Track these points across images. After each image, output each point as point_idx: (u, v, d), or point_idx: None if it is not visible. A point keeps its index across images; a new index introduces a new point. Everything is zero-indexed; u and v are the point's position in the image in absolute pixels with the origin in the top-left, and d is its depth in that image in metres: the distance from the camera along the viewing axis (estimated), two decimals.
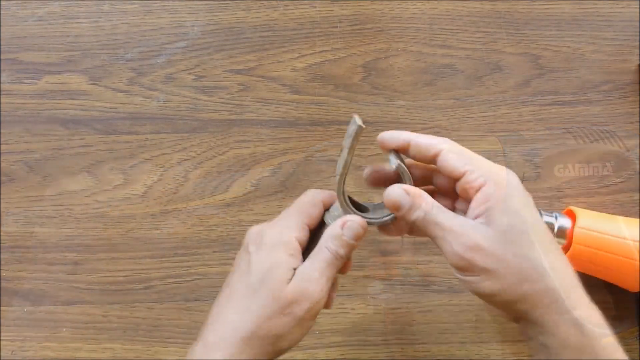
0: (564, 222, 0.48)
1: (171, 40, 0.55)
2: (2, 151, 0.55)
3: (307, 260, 0.38)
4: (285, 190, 0.54)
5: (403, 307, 0.52)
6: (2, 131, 0.55)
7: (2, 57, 0.55)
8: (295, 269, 0.37)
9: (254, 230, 0.39)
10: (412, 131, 0.53)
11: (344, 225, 0.38)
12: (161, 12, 0.56)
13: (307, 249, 0.38)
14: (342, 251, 0.38)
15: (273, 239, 0.38)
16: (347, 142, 0.37)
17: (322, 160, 0.54)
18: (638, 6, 0.55)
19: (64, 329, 0.52)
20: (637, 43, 0.54)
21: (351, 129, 0.37)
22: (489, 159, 0.53)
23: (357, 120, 0.36)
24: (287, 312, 0.36)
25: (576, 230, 0.47)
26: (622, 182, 0.53)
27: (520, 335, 0.51)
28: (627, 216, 0.52)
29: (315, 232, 0.39)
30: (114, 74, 0.55)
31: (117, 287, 0.53)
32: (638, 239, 0.46)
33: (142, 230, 0.53)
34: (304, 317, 0.37)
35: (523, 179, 0.53)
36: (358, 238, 0.38)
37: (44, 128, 0.55)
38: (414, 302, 0.52)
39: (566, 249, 0.47)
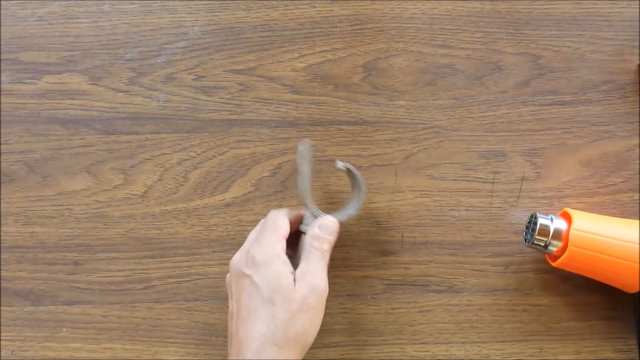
0: (560, 224, 0.47)
1: (171, 40, 0.55)
2: (2, 151, 0.55)
3: (302, 262, 0.45)
4: (285, 190, 0.54)
5: (403, 307, 0.52)
6: (2, 131, 0.55)
7: (2, 57, 0.55)
8: (292, 273, 0.43)
9: (237, 258, 0.45)
10: (412, 131, 0.54)
11: (320, 226, 0.46)
12: (161, 12, 0.56)
13: (290, 257, 0.45)
14: (325, 246, 0.46)
15: (265, 256, 0.43)
16: (303, 162, 0.47)
17: (322, 160, 0.54)
18: (638, 6, 0.55)
19: (64, 329, 0.52)
20: (637, 43, 0.54)
21: (300, 149, 0.47)
22: (489, 159, 0.54)
23: (302, 144, 0.47)
24: (304, 309, 0.42)
25: (572, 232, 0.46)
26: (622, 182, 0.53)
27: (520, 335, 0.52)
28: (626, 216, 0.52)
29: (292, 242, 0.47)
30: (114, 74, 0.55)
31: (117, 287, 0.53)
32: (634, 240, 0.46)
33: (142, 230, 0.53)
34: (317, 307, 0.43)
35: (523, 179, 0.53)
36: (334, 233, 0.46)
37: (44, 128, 0.55)
38: (414, 302, 0.52)
39: (562, 251, 0.47)
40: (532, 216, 0.49)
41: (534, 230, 0.48)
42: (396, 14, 0.55)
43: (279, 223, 0.45)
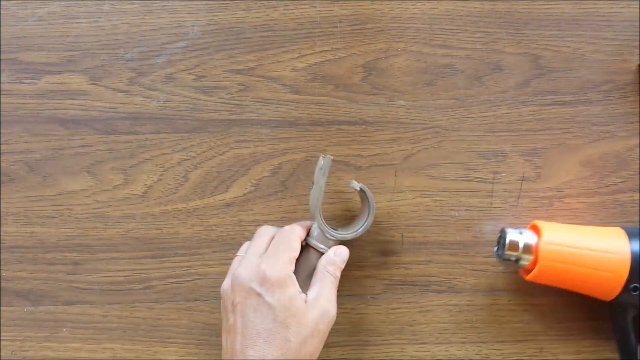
0: (529, 237, 0.47)
1: (171, 40, 0.55)
2: (2, 151, 0.55)
3: (316, 286, 0.45)
4: (285, 190, 0.54)
5: (403, 307, 0.52)
6: (2, 131, 0.55)
7: (2, 57, 0.55)
8: (302, 295, 0.44)
9: (246, 274, 0.44)
10: (412, 131, 0.54)
11: (335, 252, 0.47)
12: (161, 12, 0.56)
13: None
14: (338, 273, 0.47)
15: (279, 277, 0.43)
16: (321, 176, 0.47)
17: None
18: (638, 6, 0.55)
19: (64, 329, 0.52)
20: (637, 43, 0.54)
21: (322, 163, 0.47)
22: (489, 159, 0.54)
23: (325, 158, 0.47)
24: (315, 334, 0.43)
25: (541, 245, 0.46)
26: (622, 182, 0.53)
27: (520, 335, 0.52)
28: (626, 217, 0.52)
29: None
30: (114, 74, 0.55)
31: (117, 287, 0.53)
32: (605, 249, 0.45)
33: (142, 230, 0.53)
34: (325, 332, 0.44)
35: (523, 179, 0.53)
36: (346, 260, 0.48)
37: (44, 128, 0.55)
38: (414, 302, 0.52)
39: (534, 264, 0.47)
40: (501, 231, 0.49)
41: (504, 245, 0.48)
42: (396, 14, 0.55)
43: (293, 245, 0.46)
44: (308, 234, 0.48)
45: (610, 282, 0.45)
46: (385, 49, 0.55)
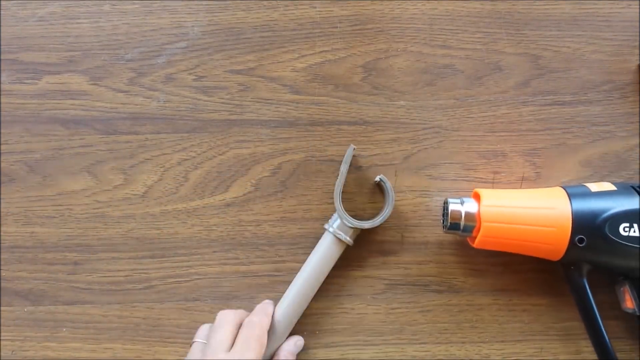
0: (470, 205, 0.48)
1: (171, 40, 0.55)
2: (2, 151, 0.55)
3: None
4: (285, 190, 0.54)
5: (403, 307, 0.52)
6: (2, 131, 0.55)
7: (2, 57, 0.56)
8: None
9: None
10: (412, 131, 0.54)
11: (295, 343, 0.49)
12: (161, 13, 0.56)
13: None
14: None
15: None
16: (345, 164, 0.50)
17: (322, 160, 0.54)
18: (638, 6, 0.55)
19: (64, 329, 0.52)
20: (637, 43, 0.54)
21: (348, 152, 0.50)
22: (489, 159, 0.54)
23: (351, 148, 0.50)
24: None
25: (482, 209, 0.47)
26: (622, 182, 0.53)
27: (520, 335, 0.51)
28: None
29: None
30: (114, 74, 0.55)
31: (117, 287, 0.53)
32: (546, 205, 0.45)
33: (142, 230, 0.53)
34: None
35: (523, 179, 0.53)
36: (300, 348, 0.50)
37: (44, 128, 0.55)
38: (414, 302, 0.52)
39: (477, 232, 0.47)
40: (444, 202, 0.49)
41: (447, 215, 0.48)
42: (396, 14, 0.55)
43: (264, 341, 0.45)
44: (327, 223, 0.50)
45: (556, 237, 0.45)
46: (385, 49, 0.55)
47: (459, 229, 0.48)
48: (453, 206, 0.48)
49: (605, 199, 0.45)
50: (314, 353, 0.52)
